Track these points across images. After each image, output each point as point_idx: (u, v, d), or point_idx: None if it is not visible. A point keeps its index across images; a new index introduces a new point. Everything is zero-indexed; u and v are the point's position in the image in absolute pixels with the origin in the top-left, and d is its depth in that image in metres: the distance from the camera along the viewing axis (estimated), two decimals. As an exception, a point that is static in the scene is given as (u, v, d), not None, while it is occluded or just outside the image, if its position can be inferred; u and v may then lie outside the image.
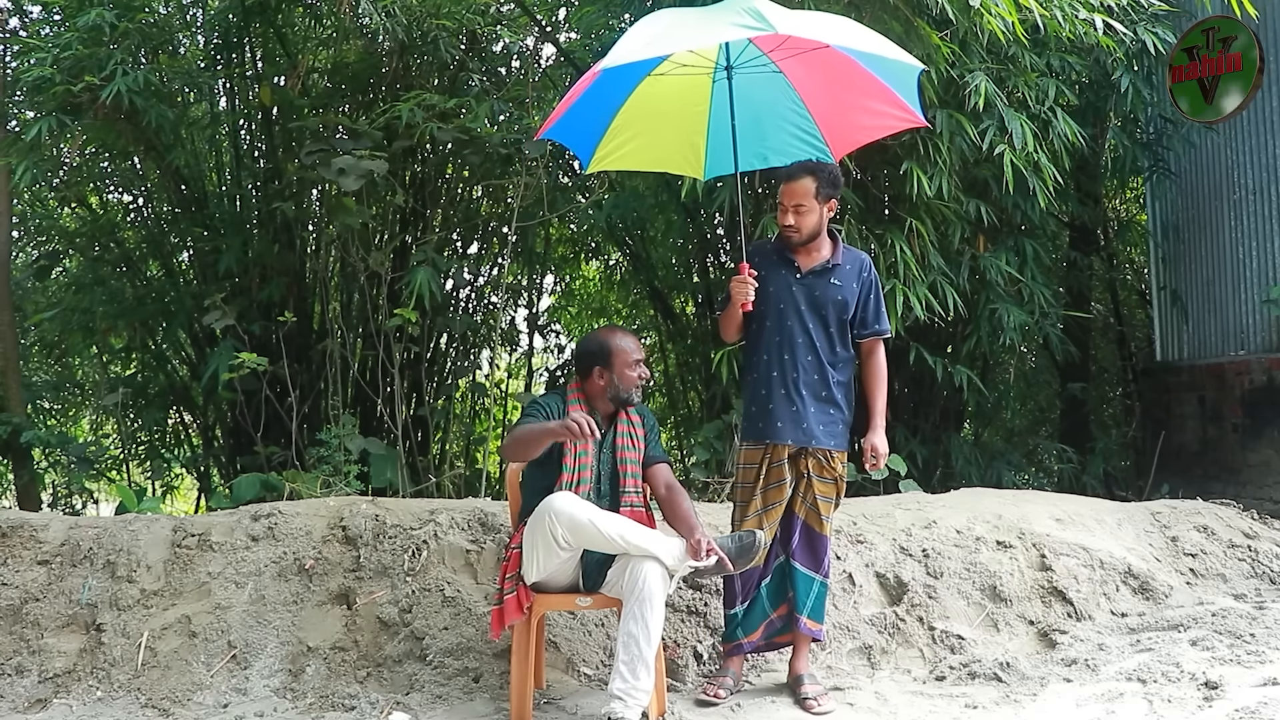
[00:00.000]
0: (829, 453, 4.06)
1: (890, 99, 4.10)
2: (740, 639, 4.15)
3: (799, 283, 4.09)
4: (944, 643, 4.62)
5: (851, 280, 4.11)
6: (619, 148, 4.35)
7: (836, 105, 4.24)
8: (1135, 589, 5.15)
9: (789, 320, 4.07)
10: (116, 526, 4.61)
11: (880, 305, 4.18)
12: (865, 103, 4.18)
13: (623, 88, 4.14)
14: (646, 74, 4.11)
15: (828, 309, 4.07)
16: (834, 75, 4.09)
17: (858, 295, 4.11)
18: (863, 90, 4.11)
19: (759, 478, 4.07)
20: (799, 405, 4.03)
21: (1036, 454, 8.81)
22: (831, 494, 4.10)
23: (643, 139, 4.37)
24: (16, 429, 6.91)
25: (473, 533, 4.69)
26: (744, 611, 4.13)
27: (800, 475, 4.07)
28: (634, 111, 4.24)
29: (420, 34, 7.01)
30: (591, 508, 3.68)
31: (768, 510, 4.06)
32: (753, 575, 4.10)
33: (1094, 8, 5.93)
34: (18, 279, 8.12)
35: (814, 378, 4.05)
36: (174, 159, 7.03)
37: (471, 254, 8.75)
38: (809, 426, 4.02)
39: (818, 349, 4.06)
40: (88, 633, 4.24)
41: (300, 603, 4.38)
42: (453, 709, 3.97)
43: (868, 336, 4.16)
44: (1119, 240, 9.27)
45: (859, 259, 4.18)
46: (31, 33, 7.01)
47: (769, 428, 4.06)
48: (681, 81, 4.17)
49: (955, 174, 6.08)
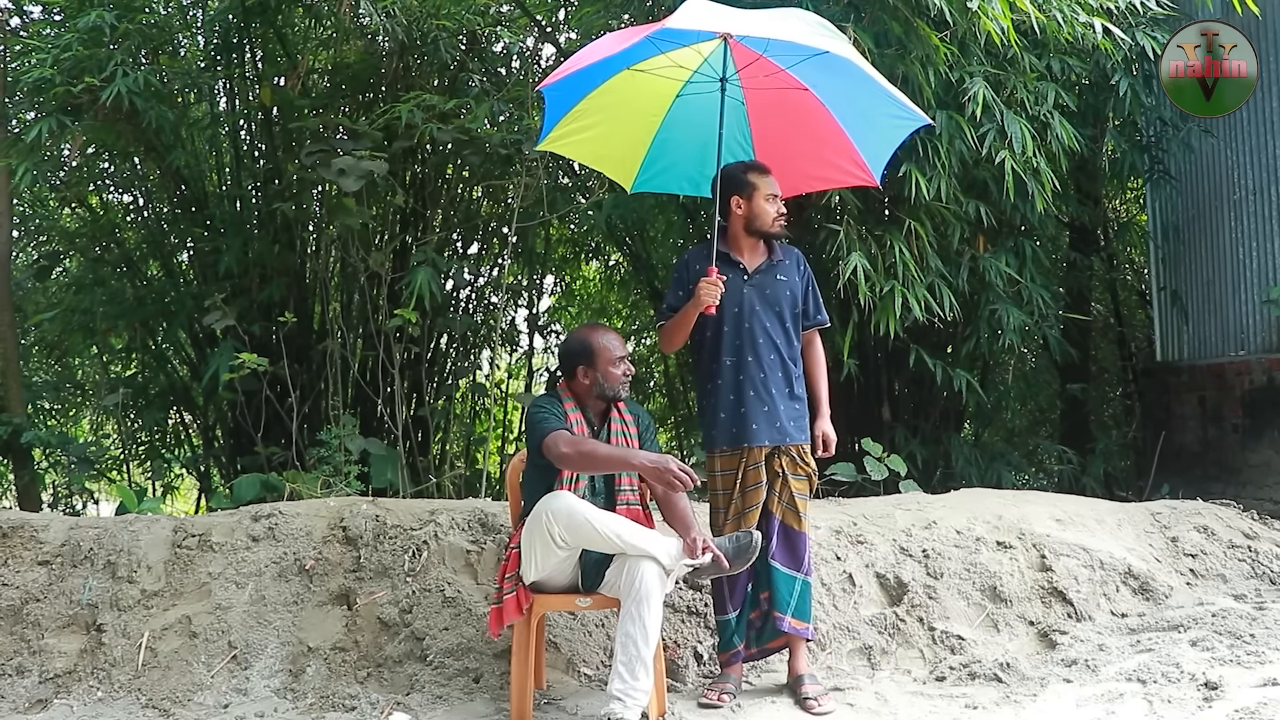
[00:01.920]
0: (801, 448, 4.11)
1: (849, 155, 4.19)
2: (737, 646, 4.14)
3: (748, 283, 4.12)
4: (944, 643, 4.63)
5: (794, 274, 4.20)
6: (573, 133, 4.28)
7: (785, 146, 4.28)
8: (1135, 589, 5.15)
9: (746, 321, 4.09)
10: (117, 527, 4.62)
11: (818, 297, 4.29)
12: (819, 152, 4.27)
13: (605, 71, 4.08)
14: (630, 65, 4.06)
15: (781, 305, 4.13)
16: (798, 118, 4.16)
17: (801, 289, 4.20)
18: (822, 140, 4.19)
19: (736, 483, 4.07)
20: (770, 404, 4.05)
21: (1037, 454, 8.80)
22: (806, 490, 4.12)
23: (595, 131, 4.31)
24: (17, 429, 6.91)
25: (473, 533, 4.69)
26: (737, 618, 4.12)
27: (775, 475, 4.07)
28: (600, 100, 4.18)
29: (420, 34, 7.01)
30: (588, 506, 3.69)
31: (746, 513, 4.05)
32: (741, 581, 4.09)
33: (1094, 10, 5.93)
34: (18, 279, 8.12)
35: (779, 375, 4.10)
36: (174, 159, 7.04)
37: (472, 254, 8.77)
38: (782, 424, 4.06)
39: (778, 346, 4.11)
40: (88, 633, 4.25)
41: (301, 603, 4.38)
42: (453, 709, 3.97)
43: (809, 327, 4.27)
44: (1119, 240, 9.26)
45: (794, 253, 4.28)
46: (32, 33, 7.01)
47: (744, 431, 4.06)
48: (653, 83, 4.15)
49: (955, 175, 6.08)
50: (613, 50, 3.81)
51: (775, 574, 4.08)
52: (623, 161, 4.51)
